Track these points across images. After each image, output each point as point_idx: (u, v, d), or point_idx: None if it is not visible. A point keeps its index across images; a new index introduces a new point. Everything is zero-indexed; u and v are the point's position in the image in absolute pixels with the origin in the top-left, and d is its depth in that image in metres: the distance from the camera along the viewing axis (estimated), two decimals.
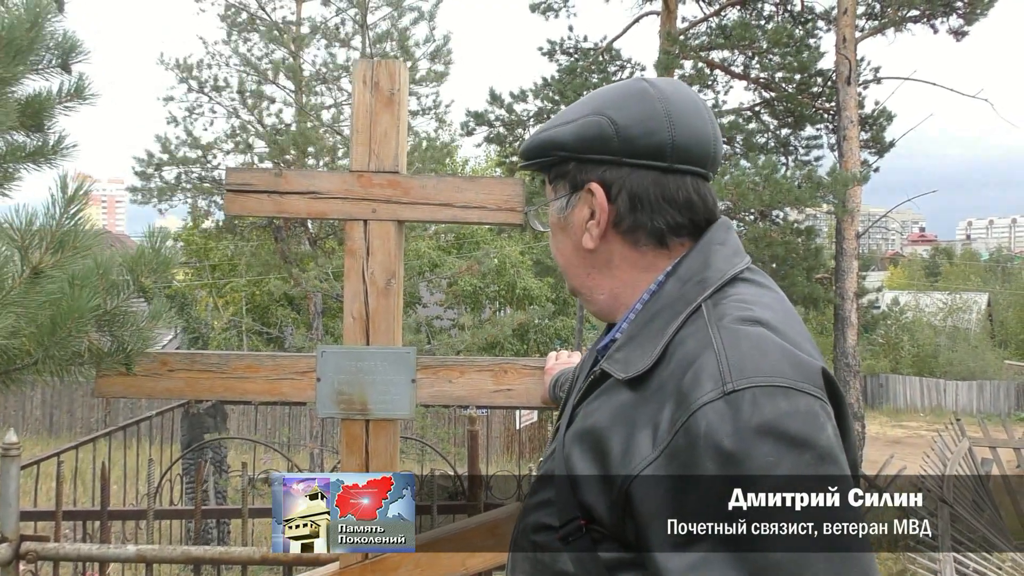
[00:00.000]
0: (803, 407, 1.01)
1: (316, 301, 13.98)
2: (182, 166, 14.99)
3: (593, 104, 1.29)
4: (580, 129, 1.27)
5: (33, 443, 18.28)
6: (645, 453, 1.06)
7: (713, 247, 1.25)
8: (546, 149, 1.30)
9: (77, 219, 2.03)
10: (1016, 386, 34.60)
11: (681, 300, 1.20)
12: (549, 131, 1.30)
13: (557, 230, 1.35)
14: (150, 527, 4.42)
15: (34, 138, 2.61)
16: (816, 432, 1.01)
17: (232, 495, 9.62)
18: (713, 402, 1.01)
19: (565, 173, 1.31)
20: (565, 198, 1.31)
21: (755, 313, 1.13)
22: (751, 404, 1.00)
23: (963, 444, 9.36)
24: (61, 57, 2.58)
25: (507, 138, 17.49)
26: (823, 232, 21.44)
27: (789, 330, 1.13)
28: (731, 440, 0.99)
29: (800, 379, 1.04)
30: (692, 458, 1.01)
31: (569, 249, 1.34)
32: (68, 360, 2.20)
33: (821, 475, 0.99)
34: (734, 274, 1.22)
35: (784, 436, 0.99)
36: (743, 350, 1.06)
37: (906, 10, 15.64)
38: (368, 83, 2.55)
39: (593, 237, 1.29)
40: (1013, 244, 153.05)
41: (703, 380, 1.04)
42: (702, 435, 1.00)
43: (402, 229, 2.61)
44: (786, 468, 0.98)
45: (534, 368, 2.64)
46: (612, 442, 1.11)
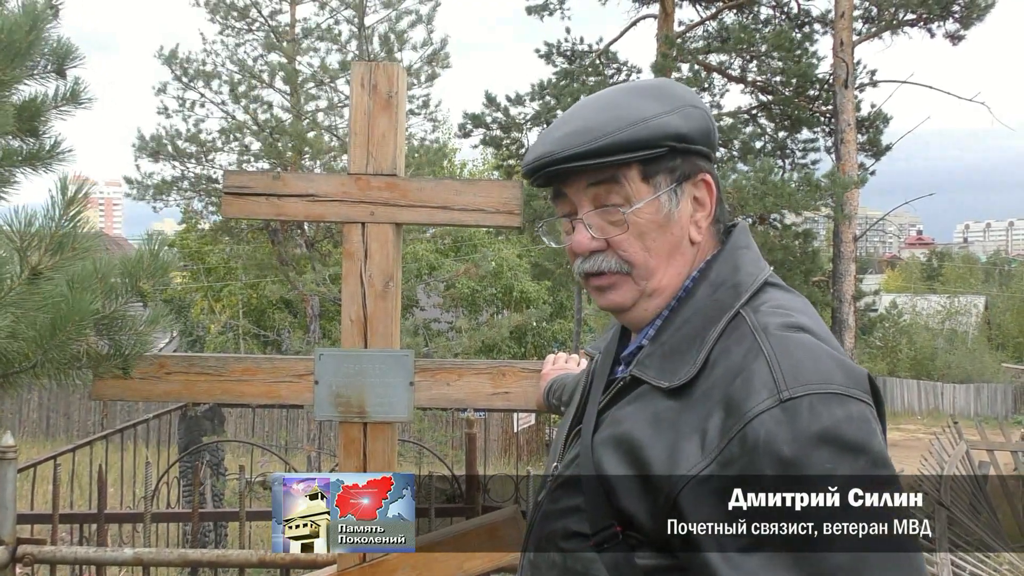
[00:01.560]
0: (856, 413, 1.03)
1: (313, 304, 13.96)
2: (177, 160, 14.96)
3: (679, 97, 1.25)
4: (691, 120, 1.23)
5: (30, 446, 18.25)
6: (694, 460, 1.06)
7: (740, 251, 1.26)
8: (656, 140, 1.21)
9: (76, 221, 2.03)
10: (1013, 389, 34.62)
11: (715, 306, 1.19)
12: (651, 121, 1.21)
13: (652, 228, 1.24)
14: (147, 530, 4.41)
15: (30, 142, 2.61)
16: (870, 437, 1.03)
17: (229, 498, 9.60)
18: (770, 410, 1.03)
19: (674, 166, 1.24)
20: (670, 191, 1.24)
21: (797, 319, 1.14)
22: (809, 411, 1.01)
23: (960, 447, 9.36)
24: (56, 62, 2.59)
25: (503, 140, 17.50)
26: (821, 235, 21.45)
27: (828, 336, 1.14)
28: (790, 447, 1.00)
29: (852, 385, 1.06)
30: (750, 465, 1.02)
31: (666, 247, 1.25)
32: (66, 363, 2.20)
33: (877, 477, 1.02)
34: (765, 279, 1.22)
35: (841, 442, 1.01)
36: (795, 357, 1.07)
37: (903, 14, 15.67)
38: (366, 86, 2.55)
39: (702, 230, 1.27)
40: (1010, 247, 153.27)
41: (757, 388, 1.05)
42: (761, 443, 1.02)
43: (400, 231, 2.61)
44: (844, 473, 1.00)
45: (532, 371, 2.64)
46: (653, 449, 1.11)
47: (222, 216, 3.50)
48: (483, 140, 17.56)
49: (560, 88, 16.43)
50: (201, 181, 15.44)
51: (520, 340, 26.28)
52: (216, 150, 15.16)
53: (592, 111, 1.25)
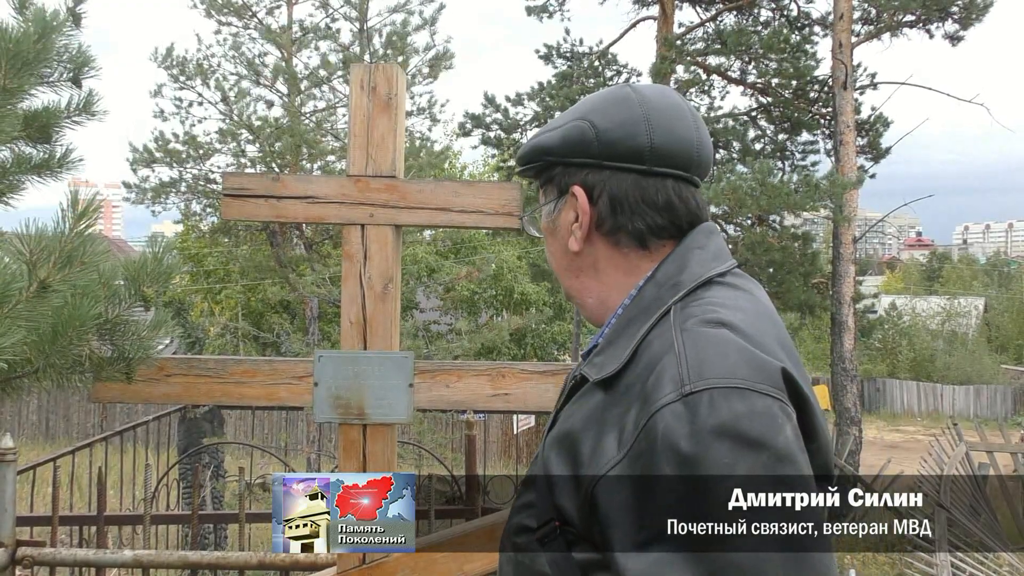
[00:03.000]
0: (760, 408, 1.02)
1: (312, 306, 13.95)
2: (175, 163, 14.94)
3: (578, 110, 1.32)
4: (564, 134, 1.30)
5: (29, 448, 18.25)
6: (611, 455, 1.07)
7: (692, 251, 1.26)
8: (535, 154, 1.33)
9: (86, 235, 2.03)
10: (1013, 391, 34.64)
11: (655, 303, 1.21)
12: (538, 137, 1.34)
13: (548, 234, 1.37)
14: (147, 532, 4.41)
15: (41, 150, 2.61)
16: (773, 433, 1.01)
17: (229, 500, 9.60)
18: (671, 404, 1.02)
19: (552, 178, 1.33)
20: (553, 202, 1.34)
21: (720, 315, 1.13)
22: (708, 406, 1.01)
23: (960, 448, 9.36)
24: (73, 71, 2.59)
25: (503, 141, 17.51)
26: (820, 237, 21.47)
27: (756, 331, 1.12)
28: (688, 442, 0.99)
29: (758, 380, 1.04)
30: (651, 460, 1.01)
31: (559, 253, 1.35)
32: (68, 368, 2.20)
33: (778, 475, 1.00)
34: (709, 277, 1.22)
35: (740, 437, 0.99)
36: (702, 352, 1.07)
37: (902, 15, 15.69)
38: (365, 87, 2.56)
39: (577, 239, 1.30)
40: (1010, 249, 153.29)
41: (664, 382, 1.05)
42: (660, 437, 1.01)
43: (400, 233, 2.61)
44: (743, 469, 0.98)
45: (531, 372, 2.64)
46: (583, 444, 1.13)
47: (222, 218, 3.50)
48: (483, 140, 17.57)
49: (559, 89, 16.44)
50: (199, 182, 15.42)
51: (520, 342, 26.28)
52: (214, 152, 15.15)
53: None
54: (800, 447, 1.04)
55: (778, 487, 1.00)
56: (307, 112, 15.10)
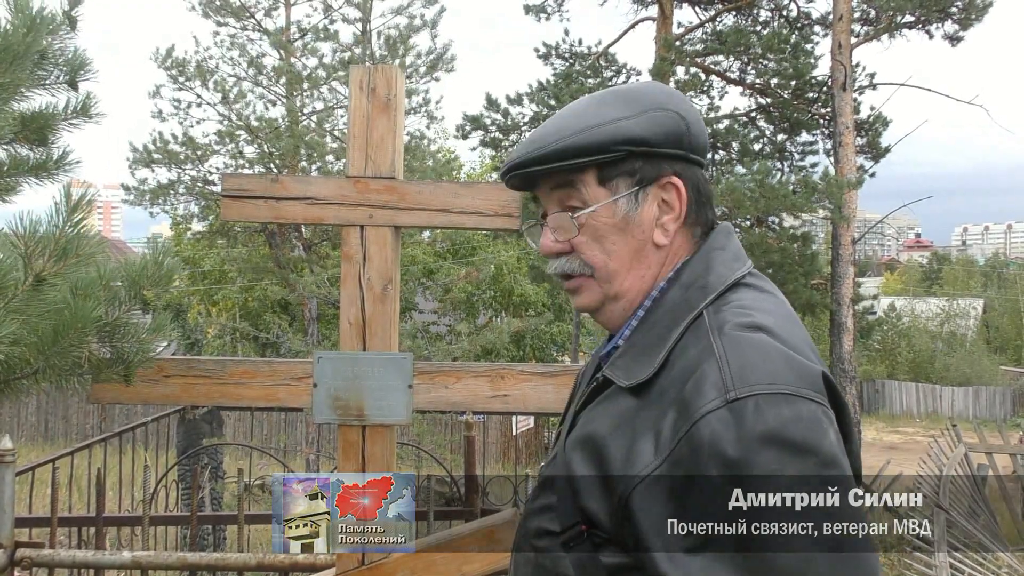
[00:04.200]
0: (805, 413, 1.02)
1: (311, 307, 13.94)
2: (174, 164, 14.93)
3: (649, 100, 1.26)
4: (653, 124, 1.24)
5: (28, 449, 18.24)
6: (647, 460, 1.07)
7: (714, 252, 1.26)
8: (612, 144, 1.23)
9: (80, 227, 2.03)
10: (1012, 392, 34.65)
11: (683, 306, 1.20)
12: (609, 125, 1.23)
13: (611, 232, 1.27)
14: (146, 533, 4.41)
15: (38, 152, 2.61)
16: (819, 438, 1.02)
17: (228, 501, 9.59)
18: (716, 410, 1.02)
19: (634, 170, 1.25)
20: (630, 195, 1.26)
21: (756, 319, 1.13)
22: (754, 412, 1.01)
23: (959, 450, 9.36)
24: (70, 74, 2.59)
25: (502, 142, 17.50)
26: (819, 238, 21.46)
27: (790, 335, 1.13)
28: (735, 448, 1.00)
29: (802, 385, 1.05)
30: (696, 465, 1.02)
31: (627, 250, 1.27)
32: (68, 370, 2.20)
33: (824, 479, 1.00)
34: (735, 279, 1.22)
35: (787, 443, 1.00)
36: (745, 357, 1.07)
37: (901, 16, 15.69)
38: (365, 89, 2.56)
39: (669, 232, 1.27)
40: (1009, 250, 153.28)
41: (706, 388, 1.05)
42: (706, 443, 1.01)
43: (399, 234, 2.61)
44: (790, 474, 0.99)
45: (530, 374, 2.64)
46: (613, 448, 1.12)
47: (222, 219, 3.49)
48: (482, 142, 17.57)
49: (559, 89, 16.44)
50: (197, 183, 15.40)
51: (519, 343, 26.27)
52: (212, 153, 15.13)
53: (559, 118, 1.28)
54: (842, 450, 1.05)
55: (824, 490, 1.00)
56: (306, 113, 15.09)
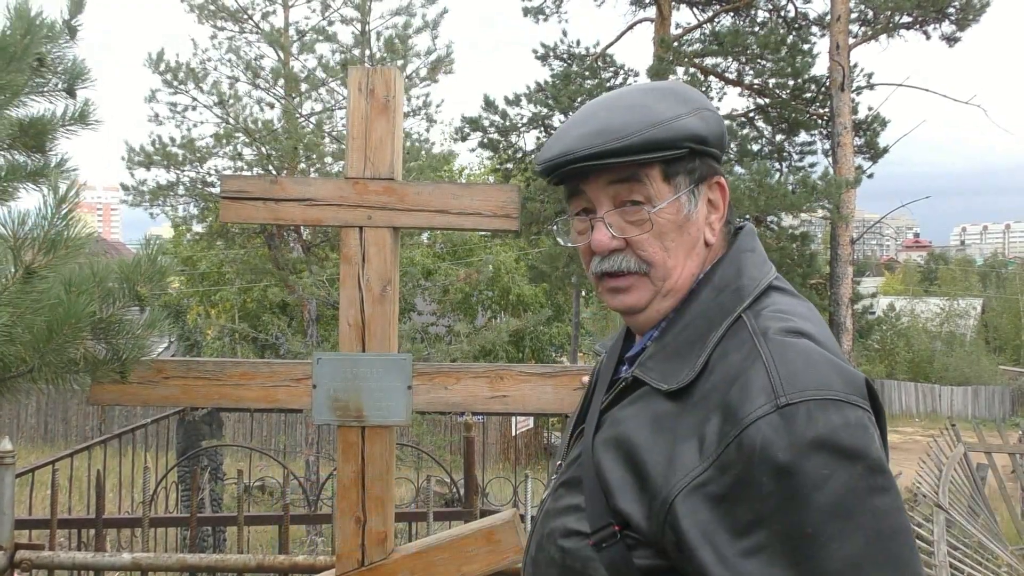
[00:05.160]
0: (854, 420, 1.03)
1: (311, 308, 13.92)
2: (172, 166, 14.91)
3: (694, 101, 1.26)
4: (709, 122, 1.25)
5: (28, 451, 18.23)
6: (691, 465, 1.07)
7: (744, 254, 1.27)
8: (679, 140, 1.22)
9: (68, 219, 2.03)
10: (1011, 391, 34.69)
11: (718, 309, 1.20)
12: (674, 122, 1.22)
13: (671, 228, 1.25)
14: (145, 535, 4.41)
15: (35, 159, 2.62)
16: (867, 444, 1.03)
17: (228, 502, 9.60)
18: (767, 416, 1.03)
19: (691, 168, 1.25)
20: (688, 192, 1.26)
21: (797, 324, 1.14)
22: (806, 418, 1.02)
23: (958, 449, 9.37)
24: (68, 82, 2.60)
25: (500, 143, 17.50)
26: (818, 238, 21.47)
27: (829, 340, 1.14)
28: (787, 453, 1.00)
29: (850, 392, 1.06)
30: (747, 471, 1.02)
31: (684, 247, 1.26)
32: (63, 368, 2.20)
33: (873, 484, 1.01)
34: (768, 283, 1.23)
35: (837, 449, 1.01)
36: (793, 363, 1.07)
37: (898, 16, 15.70)
38: (363, 90, 2.56)
39: (715, 232, 1.29)
40: (1007, 250, 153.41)
41: (754, 394, 1.05)
42: (757, 448, 1.02)
43: (398, 235, 2.61)
44: (840, 479, 1.00)
45: (530, 374, 2.64)
46: (651, 452, 1.12)
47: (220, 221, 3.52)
48: (481, 143, 17.57)
49: (557, 90, 16.44)
50: (196, 185, 15.38)
51: (518, 344, 26.27)
52: (211, 155, 15.11)
53: (610, 111, 1.25)
54: (886, 455, 1.07)
55: (873, 494, 1.01)
56: (305, 114, 15.09)
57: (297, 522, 5.72)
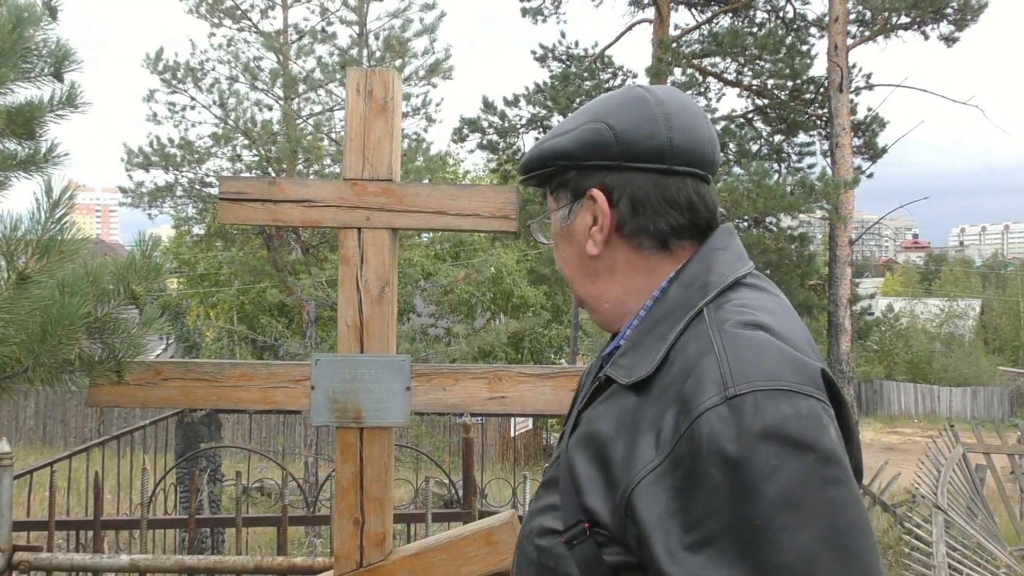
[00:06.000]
0: (805, 409, 1.02)
1: (309, 309, 13.92)
2: (171, 167, 14.91)
3: (591, 113, 1.31)
4: (579, 137, 1.29)
5: (26, 452, 18.22)
6: (648, 458, 1.07)
7: (715, 252, 1.27)
8: (547, 159, 1.33)
9: (63, 223, 2.02)
10: (1010, 392, 34.72)
11: (684, 305, 1.21)
12: (549, 142, 1.33)
13: (561, 240, 1.37)
14: (144, 536, 4.41)
15: (25, 146, 2.60)
16: (819, 434, 1.01)
17: (227, 504, 9.59)
18: (716, 407, 1.02)
19: (566, 182, 1.33)
20: (567, 207, 1.34)
21: (756, 317, 1.14)
22: (753, 408, 1.01)
23: (957, 450, 9.37)
24: (54, 65, 2.58)
25: (499, 145, 17.51)
26: (817, 239, 21.48)
27: (790, 333, 1.13)
28: (734, 445, 0.99)
29: (801, 381, 1.05)
30: (696, 463, 1.01)
31: (574, 258, 1.35)
32: (59, 368, 2.19)
33: (825, 476, 0.99)
34: (736, 279, 1.23)
35: (787, 439, 0.99)
36: (744, 354, 1.07)
37: (896, 17, 15.71)
38: (362, 91, 2.56)
39: (597, 243, 1.30)
40: (1006, 250, 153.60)
41: (705, 385, 1.05)
42: (705, 440, 1.01)
43: (396, 237, 2.61)
44: (790, 470, 0.98)
45: (528, 375, 2.64)
46: (615, 447, 1.13)
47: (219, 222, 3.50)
48: (480, 144, 17.58)
49: (556, 91, 16.45)
50: (195, 186, 15.38)
51: (517, 345, 26.30)
52: (209, 156, 15.11)
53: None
54: (842, 447, 1.05)
55: (825, 487, 0.99)
56: (303, 116, 15.08)
57: (296, 523, 5.72)
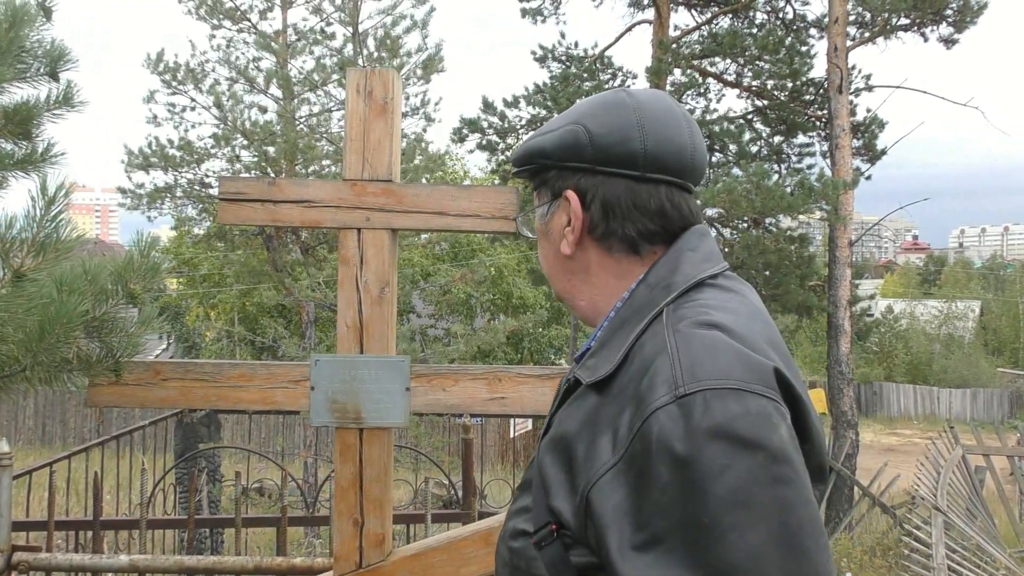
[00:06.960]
0: (754, 408, 1.02)
1: (309, 310, 13.92)
2: (170, 168, 14.91)
3: (575, 114, 1.33)
4: (560, 137, 1.31)
5: (26, 453, 18.22)
6: (606, 458, 1.07)
7: (684, 253, 1.27)
8: (530, 157, 1.35)
9: (59, 221, 2.02)
10: (1009, 394, 34.72)
11: (647, 305, 1.22)
12: (535, 139, 1.35)
13: (541, 237, 1.40)
14: (143, 537, 4.41)
15: (22, 145, 2.60)
16: (768, 433, 1.01)
17: (226, 504, 9.59)
18: (666, 406, 1.02)
19: (547, 181, 1.35)
20: (546, 205, 1.36)
21: (712, 317, 1.14)
22: (703, 407, 1.01)
23: (957, 452, 9.37)
24: (49, 65, 2.58)
25: (498, 145, 17.50)
26: (816, 240, 21.47)
27: (747, 332, 1.13)
28: (682, 444, 0.99)
29: (752, 380, 1.04)
30: (646, 462, 1.01)
31: (551, 256, 1.37)
32: (57, 367, 2.19)
33: (774, 475, 0.99)
34: (701, 279, 1.23)
35: (736, 438, 0.99)
36: (696, 354, 1.07)
37: (896, 18, 15.71)
38: (361, 92, 2.56)
39: (569, 243, 1.32)
40: (1006, 252, 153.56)
41: (657, 384, 1.05)
42: (655, 439, 1.01)
43: (396, 237, 2.61)
44: (738, 469, 0.98)
45: (528, 376, 2.64)
46: (578, 447, 1.13)
47: (218, 223, 3.49)
48: (479, 145, 17.57)
49: (556, 92, 16.44)
50: (194, 187, 15.38)
51: (517, 346, 26.30)
52: (208, 156, 15.10)
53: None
54: (795, 447, 1.04)
55: (774, 486, 0.99)
56: (302, 116, 15.09)
57: (295, 524, 5.72)
